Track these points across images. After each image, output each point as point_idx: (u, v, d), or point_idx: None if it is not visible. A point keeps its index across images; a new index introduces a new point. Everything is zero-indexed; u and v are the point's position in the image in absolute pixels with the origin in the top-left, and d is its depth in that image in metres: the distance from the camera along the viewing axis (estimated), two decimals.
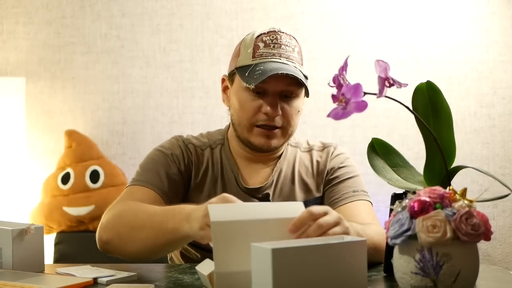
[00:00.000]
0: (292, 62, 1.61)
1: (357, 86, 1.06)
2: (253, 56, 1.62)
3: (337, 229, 1.20)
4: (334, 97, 1.08)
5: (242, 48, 1.66)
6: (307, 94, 1.65)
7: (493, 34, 2.69)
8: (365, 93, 1.07)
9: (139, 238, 1.42)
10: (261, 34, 1.65)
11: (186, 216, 1.32)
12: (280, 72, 1.56)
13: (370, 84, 1.12)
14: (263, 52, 1.62)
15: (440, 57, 2.71)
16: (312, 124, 2.74)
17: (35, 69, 2.86)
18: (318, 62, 2.75)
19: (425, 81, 1.18)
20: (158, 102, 2.83)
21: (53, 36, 2.86)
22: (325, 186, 1.71)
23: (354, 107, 1.06)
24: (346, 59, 1.13)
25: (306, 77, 1.65)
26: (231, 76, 1.68)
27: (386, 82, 1.09)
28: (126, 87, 2.84)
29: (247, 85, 1.58)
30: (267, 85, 1.60)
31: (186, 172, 1.67)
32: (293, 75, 1.56)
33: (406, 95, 1.18)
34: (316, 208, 1.20)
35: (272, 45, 1.62)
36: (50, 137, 2.84)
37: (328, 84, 1.12)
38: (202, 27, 2.81)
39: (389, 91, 1.10)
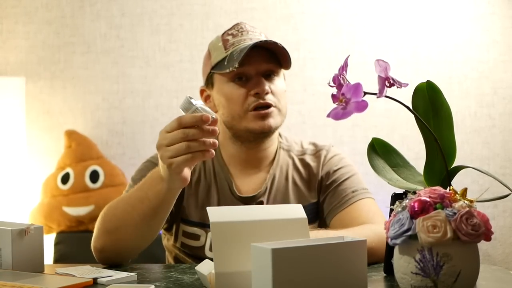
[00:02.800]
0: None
1: (357, 86, 1.06)
2: (225, 48, 1.63)
3: None
4: (334, 97, 1.08)
5: (212, 50, 1.67)
6: (289, 64, 1.63)
7: (494, 34, 2.69)
8: (365, 93, 1.07)
9: (130, 224, 1.43)
10: (225, 32, 1.67)
11: (157, 175, 1.39)
12: (260, 40, 1.59)
13: (370, 84, 1.12)
14: (233, 41, 1.63)
15: (440, 57, 2.71)
16: (312, 124, 2.74)
17: (35, 69, 2.86)
18: (318, 62, 2.74)
19: (425, 81, 1.18)
20: (158, 102, 2.82)
21: (52, 36, 2.86)
22: (324, 192, 1.67)
23: (354, 107, 1.06)
24: (346, 59, 1.12)
25: None
26: (209, 80, 1.68)
27: (386, 82, 1.08)
28: (126, 87, 2.84)
29: (232, 69, 1.58)
30: (248, 68, 1.60)
31: None
32: (274, 41, 1.58)
33: (406, 95, 1.18)
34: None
35: (239, 33, 1.64)
36: (50, 137, 2.84)
37: (328, 84, 1.12)
38: (202, 27, 2.81)
39: (389, 91, 1.10)
